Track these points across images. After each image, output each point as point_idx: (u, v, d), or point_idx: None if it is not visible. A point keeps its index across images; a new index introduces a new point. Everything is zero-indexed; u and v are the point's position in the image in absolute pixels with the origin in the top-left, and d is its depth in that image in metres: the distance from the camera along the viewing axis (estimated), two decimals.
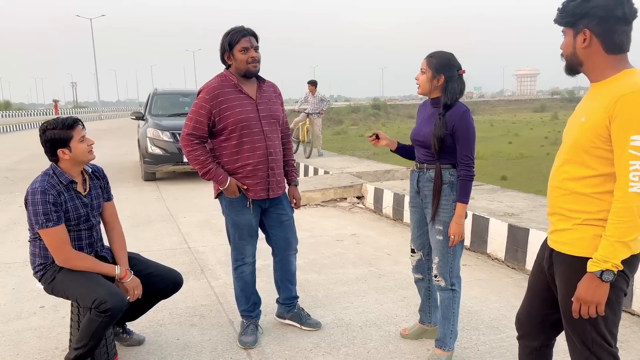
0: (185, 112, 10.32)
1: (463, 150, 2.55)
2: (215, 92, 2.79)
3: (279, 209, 3.05)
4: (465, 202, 2.58)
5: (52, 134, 2.57)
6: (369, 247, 5.04)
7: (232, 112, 2.78)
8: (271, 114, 2.89)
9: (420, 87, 2.63)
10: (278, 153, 2.95)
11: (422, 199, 2.74)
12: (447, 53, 2.63)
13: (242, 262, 3.02)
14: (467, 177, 2.56)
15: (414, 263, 2.96)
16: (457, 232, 2.59)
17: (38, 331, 3.24)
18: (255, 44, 2.80)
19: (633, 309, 3.34)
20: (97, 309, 2.43)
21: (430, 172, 2.66)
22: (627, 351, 2.90)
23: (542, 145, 17.24)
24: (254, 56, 2.78)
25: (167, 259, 4.52)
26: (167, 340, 3.09)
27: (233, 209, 2.94)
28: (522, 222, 4.43)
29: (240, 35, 2.75)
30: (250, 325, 3.06)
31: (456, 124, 2.53)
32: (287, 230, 3.09)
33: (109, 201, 2.87)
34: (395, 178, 8.13)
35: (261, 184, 2.89)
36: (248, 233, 2.97)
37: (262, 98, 2.89)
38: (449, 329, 2.73)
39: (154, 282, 2.80)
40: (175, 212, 6.77)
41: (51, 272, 2.63)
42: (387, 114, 47.09)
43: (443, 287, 2.71)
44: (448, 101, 2.57)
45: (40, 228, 2.51)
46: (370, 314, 3.43)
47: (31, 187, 2.54)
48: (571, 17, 1.70)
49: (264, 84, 2.95)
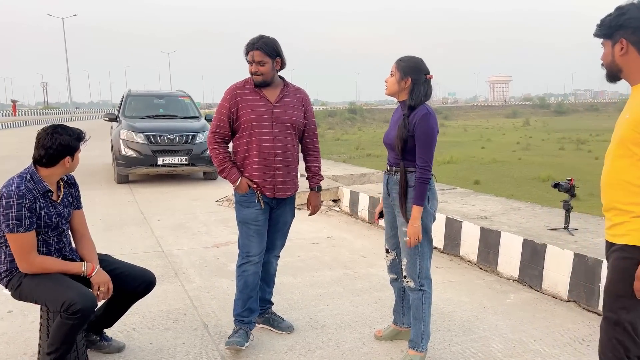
0: (160, 114, 10.24)
1: (419, 152, 2.61)
2: (235, 92, 2.96)
3: (281, 211, 3.11)
4: (420, 205, 2.61)
5: (68, 140, 2.55)
6: (344, 250, 5.06)
7: (246, 112, 2.92)
8: (287, 118, 2.97)
9: (388, 89, 2.71)
10: (288, 155, 3.00)
11: (391, 200, 2.80)
12: (416, 57, 2.70)
13: (246, 260, 3.00)
14: (422, 180, 2.60)
15: (388, 263, 3.00)
16: (412, 233, 2.63)
17: (6, 336, 3.16)
18: (259, 58, 2.88)
19: (599, 310, 3.44)
20: (66, 311, 2.38)
21: (397, 175, 2.72)
22: (594, 350, 2.97)
23: (514, 150, 17.60)
24: (254, 70, 2.91)
25: (140, 263, 4.43)
26: (140, 345, 3.05)
27: (241, 204, 3.02)
28: (494, 225, 4.52)
29: (246, 49, 2.93)
30: (239, 330, 2.99)
31: (416, 125, 2.59)
32: (278, 234, 3.15)
33: (78, 209, 2.81)
34: (370, 181, 8.19)
35: (266, 183, 2.97)
36: (255, 230, 2.99)
37: (282, 102, 2.99)
38: (420, 329, 2.76)
39: (126, 282, 2.76)
40: (149, 215, 6.68)
41: (17, 277, 2.56)
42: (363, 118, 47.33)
43: (412, 288, 2.75)
44: (412, 103, 2.63)
45: (10, 232, 2.44)
46: (345, 316, 3.45)
47: (7, 188, 2.46)
48: (608, 30, 1.88)
49: (289, 89, 3.04)
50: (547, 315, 3.49)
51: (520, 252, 4.10)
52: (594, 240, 3.97)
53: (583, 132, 25.09)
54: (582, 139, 20.41)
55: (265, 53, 2.89)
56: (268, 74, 2.92)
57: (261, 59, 2.89)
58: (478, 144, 19.46)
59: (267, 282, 3.24)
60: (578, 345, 3.05)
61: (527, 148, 18.00)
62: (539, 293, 3.89)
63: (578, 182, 5.07)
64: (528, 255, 4.03)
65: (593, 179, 10.38)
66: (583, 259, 3.58)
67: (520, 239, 4.11)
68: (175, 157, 8.77)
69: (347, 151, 17.44)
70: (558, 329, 3.27)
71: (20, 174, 2.54)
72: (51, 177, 2.58)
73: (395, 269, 2.98)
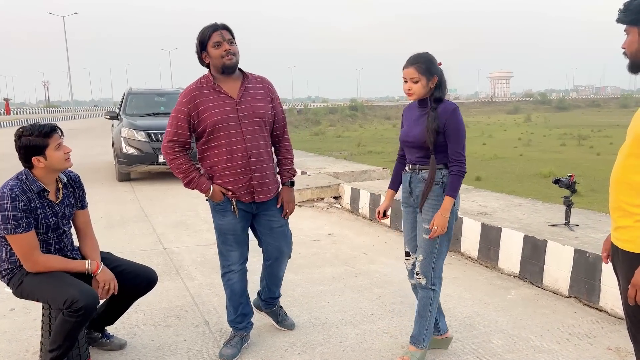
0: (161, 112, 10.24)
1: (455, 147, 2.54)
2: (192, 94, 2.71)
3: (269, 214, 2.88)
4: (453, 197, 2.56)
5: (27, 141, 2.49)
6: (345, 247, 5.07)
7: (209, 114, 2.67)
8: (253, 113, 2.73)
9: (416, 95, 2.58)
10: (263, 154, 2.77)
11: (414, 199, 2.71)
12: (425, 53, 2.62)
13: (228, 270, 2.89)
14: (459, 173, 2.55)
15: (409, 267, 2.85)
16: (440, 224, 2.54)
17: (8, 334, 3.17)
18: (229, 36, 2.67)
19: (600, 305, 3.44)
20: (69, 309, 2.39)
21: (423, 173, 2.63)
22: (594, 346, 2.98)
23: (515, 146, 17.57)
24: (227, 49, 2.65)
25: (141, 260, 4.45)
26: (142, 342, 3.06)
27: (217, 212, 2.83)
28: (495, 222, 4.52)
29: (211, 30, 2.66)
30: (235, 338, 2.92)
31: (447, 120, 2.52)
32: (279, 238, 2.93)
33: (83, 209, 2.81)
34: (371, 178, 8.19)
35: (243, 188, 2.75)
36: (234, 239, 2.83)
37: (245, 96, 2.74)
38: (424, 327, 2.72)
39: (128, 279, 2.76)
40: (150, 212, 6.69)
41: (19, 275, 2.57)
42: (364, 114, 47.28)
43: (423, 286, 2.68)
44: (443, 95, 2.56)
45: (9, 234, 2.45)
46: (346, 313, 3.46)
47: (1, 190, 2.47)
48: (636, 15, 1.73)
49: (250, 80, 2.79)
50: (548, 311, 3.49)
51: (521, 248, 4.10)
52: (594, 236, 3.97)
53: (584, 128, 25.05)
54: (583, 135, 20.38)
55: (231, 33, 2.70)
56: (238, 55, 2.70)
57: (231, 37, 2.68)
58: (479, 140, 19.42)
59: (276, 284, 3.11)
60: (579, 340, 3.05)
61: (529, 144, 17.98)
62: (539, 289, 3.89)
63: (579, 177, 5.07)
64: (529, 251, 4.03)
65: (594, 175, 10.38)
66: (584, 255, 3.58)
67: (521, 235, 4.11)
68: None
69: (348, 148, 17.43)
70: (559, 324, 3.27)
71: (16, 176, 2.55)
72: (44, 178, 2.57)
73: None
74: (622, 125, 26.61)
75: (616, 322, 3.26)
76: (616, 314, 3.32)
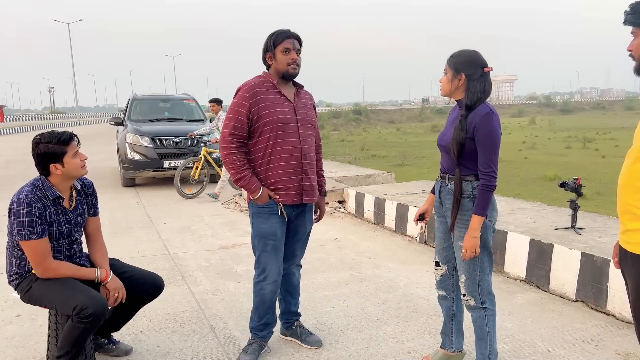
0: (165, 118, 10.27)
1: (483, 157, 2.34)
2: (255, 89, 2.72)
3: (300, 221, 2.92)
4: (482, 215, 2.35)
5: (45, 148, 2.51)
6: (350, 252, 5.06)
7: (271, 112, 2.70)
8: (308, 119, 2.84)
9: (442, 89, 2.48)
10: (312, 158, 2.86)
11: (445, 210, 2.56)
12: (469, 50, 2.45)
13: (263, 278, 2.83)
14: (487, 187, 2.34)
15: (437, 278, 2.71)
16: (469, 246, 2.37)
17: (15, 340, 3.17)
18: (298, 47, 2.75)
19: (608, 309, 3.42)
20: (78, 315, 2.40)
21: (451, 184, 2.47)
22: (602, 350, 2.96)
23: (520, 149, 17.53)
24: (294, 58, 2.73)
25: (147, 266, 4.47)
26: (148, 348, 3.06)
27: (260, 215, 2.79)
28: (501, 225, 4.50)
29: (284, 36, 2.72)
30: (253, 344, 2.91)
31: (477, 126, 2.33)
32: (298, 243, 2.98)
33: (94, 216, 2.83)
34: (376, 182, 8.18)
35: (294, 189, 2.77)
36: (273, 245, 2.79)
37: (300, 102, 2.84)
38: (487, 349, 2.53)
39: (135, 286, 2.77)
40: (155, 218, 6.70)
41: (27, 281, 2.59)
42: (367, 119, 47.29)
43: (473, 307, 2.51)
44: (468, 101, 2.37)
45: (23, 239, 2.46)
46: (352, 318, 3.45)
47: (17, 196, 2.49)
48: None
49: (301, 90, 2.90)
50: (555, 315, 3.47)
51: (527, 252, 4.09)
52: (601, 239, 3.95)
53: (589, 131, 24.97)
54: (588, 138, 20.32)
55: (300, 44, 2.77)
56: (300, 67, 2.79)
57: (300, 48, 2.76)
58: None
59: (291, 293, 3.08)
60: (586, 345, 3.03)
61: (533, 147, 17.93)
62: (546, 293, 3.87)
63: (585, 181, 5.05)
64: (535, 255, 4.01)
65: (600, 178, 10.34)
66: (591, 259, 3.56)
67: (527, 239, 4.09)
68: (181, 160, 8.79)
69: (352, 152, 17.44)
70: (566, 329, 3.25)
71: (32, 182, 2.56)
72: (59, 185, 2.59)
73: (445, 284, 2.69)
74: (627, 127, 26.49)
75: (624, 327, 3.24)
76: (624, 318, 3.30)
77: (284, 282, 3.00)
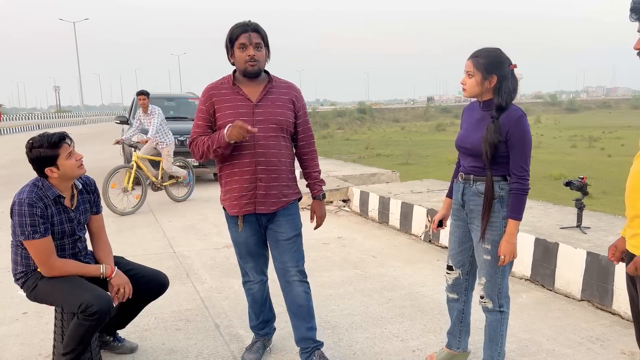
0: (170, 116, 10.29)
1: (518, 160, 2.30)
2: (210, 92, 2.59)
3: (276, 227, 2.67)
4: (518, 219, 2.34)
5: (37, 153, 2.50)
6: (354, 250, 5.06)
7: (222, 114, 2.54)
8: (270, 119, 2.54)
9: (467, 91, 2.36)
10: (274, 163, 2.56)
11: (466, 213, 2.49)
12: (494, 49, 2.36)
13: (247, 280, 2.85)
14: (522, 191, 2.31)
15: (449, 281, 2.67)
16: (508, 251, 2.34)
17: (21, 337, 3.19)
18: (257, 40, 2.50)
19: (613, 308, 3.41)
20: (83, 313, 2.41)
21: (478, 185, 2.40)
22: (608, 350, 2.95)
23: None
24: (251, 54, 2.49)
25: (152, 264, 4.46)
26: (153, 345, 3.07)
27: (229, 225, 2.75)
28: None
29: (240, 30, 2.49)
30: (257, 343, 2.91)
31: (511, 129, 2.27)
32: (284, 253, 2.67)
33: (97, 214, 2.84)
34: (380, 181, 8.17)
35: (246, 197, 2.57)
36: (247, 252, 2.74)
37: (265, 100, 2.56)
38: (496, 351, 2.55)
39: (140, 284, 2.78)
40: (160, 216, 6.72)
41: (33, 279, 2.60)
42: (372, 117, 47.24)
43: (491, 309, 2.50)
44: (503, 102, 2.30)
45: (26, 239, 2.47)
46: (356, 317, 3.45)
47: (18, 196, 2.49)
48: None
49: (275, 85, 2.61)
50: (560, 314, 3.46)
51: (532, 251, 4.07)
52: (607, 238, 3.93)
53: (595, 130, 24.85)
54: (594, 137, 20.22)
55: (261, 36, 2.53)
56: (263, 61, 2.56)
57: (259, 41, 2.51)
58: None
59: (297, 315, 2.71)
60: (592, 344, 3.02)
61: (539, 146, 17.86)
62: (551, 292, 3.85)
63: (590, 179, 5.02)
64: (540, 254, 4.00)
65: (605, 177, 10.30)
66: (596, 258, 3.54)
67: (532, 238, 4.08)
68: (185, 159, 8.80)
69: (356, 151, 17.43)
70: (571, 328, 3.24)
71: (33, 182, 2.57)
72: (59, 185, 2.59)
73: (457, 288, 2.66)
74: (633, 126, 26.35)
75: (630, 326, 3.22)
76: (630, 317, 3.28)
77: (287, 302, 2.73)
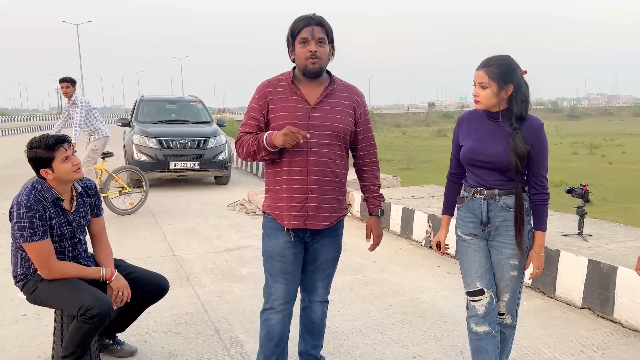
0: (172, 119, 10.32)
1: (540, 170, 2.23)
2: (265, 90, 2.33)
3: (320, 246, 2.43)
4: (545, 230, 2.28)
5: (34, 153, 2.51)
6: (355, 255, 5.05)
7: (276, 116, 2.29)
8: (328, 125, 2.29)
9: (482, 103, 2.22)
10: (327, 173, 2.31)
11: (490, 230, 2.32)
12: (505, 57, 2.23)
13: (269, 306, 2.41)
14: (546, 201, 2.27)
15: (481, 310, 2.31)
16: (540, 264, 2.30)
17: (20, 339, 3.19)
18: (319, 35, 2.23)
19: (614, 317, 3.39)
20: (83, 315, 2.41)
21: (505, 199, 2.26)
22: (609, 358, 2.94)
23: None
24: (312, 50, 2.22)
25: (152, 267, 4.46)
26: (152, 349, 3.07)
27: (266, 232, 2.42)
28: None
29: (303, 23, 2.23)
30: None
31: (534, 141, 2.20)
32: (318, 272, 2.48)
33: (98, 217, 2.84)
34: (382, 187, 8.16)
35: (295, 209, 2.30)
36: (280, 267, 2.36)
37: (324, 104, 2.31)
38: None
39: (140, 287, 2.78)
40: (161, 219, 6.72)
41: (33, 282, 2.60)
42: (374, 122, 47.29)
43: (508, 325, 2.41)
44: (522, 112, 2.20)
45: (25, 242, 2.47)
46: (357, 322, 3.44)
47: (17, 199, 2.50)
48: None
49: (336, 87, 2.37)
50: (561, 322, 3.45)
51: None
52: (608, 246, 3.92)
53: (596, 137, 24.86)
54: (595, 144, 20.23)
55: (326, 31, 2.26)
56: (325, 60, 2.28)
57: (323, 36, 2.24)
58: None
59: (310, 332, 2.61)
60: (593, 352, 3.01)
61: None
62: (552, 300, 3.84)
63: (592, 187, 5.02)
64: None
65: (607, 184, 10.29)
66: (597, 265, 3.53)
67: None
68: (187, 162, 8.82)
69: None
70: (572, 336, 3.23)
71: (32, 184, 2.58)
72: (57, 187, 2.59)
73: (491, 316, 2.32)
74: (634, 134, 26.36)
75: (631, 334, 3.21)
76: (631, 326, 3.27)
77: (302, 316, 2.60)
